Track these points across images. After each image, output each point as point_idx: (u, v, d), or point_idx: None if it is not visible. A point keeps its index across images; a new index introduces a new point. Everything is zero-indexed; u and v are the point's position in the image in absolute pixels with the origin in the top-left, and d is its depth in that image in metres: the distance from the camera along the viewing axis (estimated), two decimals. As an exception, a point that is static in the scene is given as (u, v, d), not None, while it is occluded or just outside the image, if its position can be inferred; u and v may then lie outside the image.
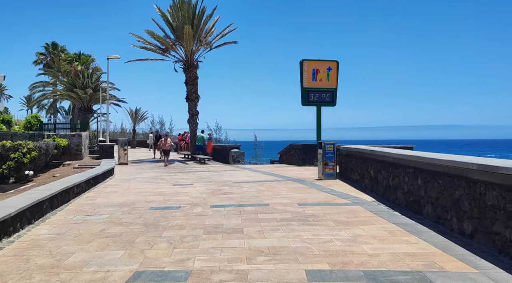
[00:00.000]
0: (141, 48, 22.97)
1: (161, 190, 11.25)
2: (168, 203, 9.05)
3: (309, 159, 19.81)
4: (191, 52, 23.62)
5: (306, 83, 18.74)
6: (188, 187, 11.76)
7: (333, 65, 19.05)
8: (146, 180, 13.72)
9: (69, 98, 34.78)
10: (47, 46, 48.87)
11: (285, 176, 14.23)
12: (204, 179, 13.83)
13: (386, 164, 8.91)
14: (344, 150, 12.98)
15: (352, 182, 11.95)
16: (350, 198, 9.31)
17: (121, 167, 19.09)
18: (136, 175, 15.51)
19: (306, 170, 16.76)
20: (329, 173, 12.98)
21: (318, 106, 19.03)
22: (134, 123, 43.06)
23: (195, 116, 24.42)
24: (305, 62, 18.75)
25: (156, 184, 12.69)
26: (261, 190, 10.82)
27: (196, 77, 24.19)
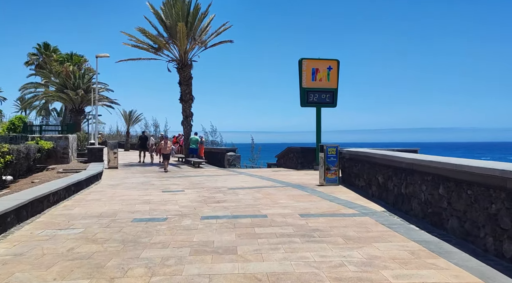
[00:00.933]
0: (133, 47, 21.99)
1: (149, 197, 10.26)
2: (154, 213, 8.07)
3: (308, 162, 18.88)
4: (185, 51, 22.66)
5: (305, 83, 17.83)
6: (179, 194, 10.78)
7: (334, 64, 18.16)
8: (134, 186, 12.73)
9: (59, 100, 33.68)
10: (39, 47, 47.75)
11: (283, 181, 13.28)
12: (196, 185, 12.86)
13: (398, 169, 7.98)
14: (347, 154, 12.05)
15: (356, 188, 11.01)
16: (357, 207, 8.37)
17: (110, 171, 18.07)
18: (125, 180, 14.51)
19: (306, 174, 15.81)
20: (331, 179, 12.04)
21: (317, 107, 18.12)
22: (128, 125, 41.98)
23: (189, 118, 23.44)
24: (304, 61, 17.85)
25: (144, 190, 11.70)
26: (258, 198, 9.86)
27: (190, 77, 23.23)
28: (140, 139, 24.97)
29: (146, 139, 24.34)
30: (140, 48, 22.31)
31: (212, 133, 35.75)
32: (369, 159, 9.98)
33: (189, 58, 23.08)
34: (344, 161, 12.32)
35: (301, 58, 17.88)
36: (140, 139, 24.91)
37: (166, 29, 22.15)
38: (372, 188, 9.70)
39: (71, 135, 19.34)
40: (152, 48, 22.67)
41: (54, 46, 47.52)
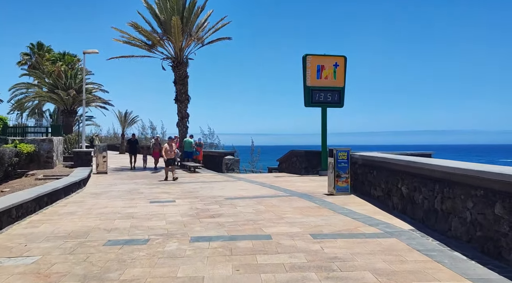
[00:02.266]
0: (124, 43, 20.62)
1: (133, 210, 8.87)
2: (134, 232, 6.69)
3: (312, 167, 17.50)
4: (180, 48, 21.30)
5: (310, 81, 16.45)
6: (168, 206, 9.39)
7: (341, 61, 16.79)
8: (120, 194, 11.33)
9: (50, 100, 32.26)
10: (32, 46, 46.39)
11: (287, 190, 11.89)
12: (190, 194, 11.47)
13: (429, 179, 6.60)
14: (360, 159, 10.67)
15: (371, 199, 9.63)
16: (379, 224, 6.98)
17: (98, 177, 16.68)
18: (111, 188, 13.11)
19: (311, 180, 14.42)
20: (342, 187, 10.65)
21: (323, 107, 16.74)
22: (123, 127, 40.49)
23: (185, 119, 22.07)
24: (308, 58, 16.48)
25: (130, 200, 10.31)
26: (260, 211, 8.47)
27: (186, 76, 21.88)
28: (128, 143, 22.41)
29: (136, 143, 22.02)
30: (133, 44, 20.96)
31: (209, 135, 34.45)
32: (388, 165, 8.60)
33: (185, 56, 21.75)
34: (356, 167, 10.94)
35: (305, 54, 16.52)
36: (129, 142, 22.28)
37: (160, 24, 20.81)
38: (392, 199, 8.32)
39: (56, 138, 17.93)
40: (146, 45, 21.31)
41: (48, 46, 46.15)
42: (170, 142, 15.64)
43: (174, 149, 15.62)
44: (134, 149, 21.45)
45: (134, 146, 21.65)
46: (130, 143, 22.08)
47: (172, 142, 15.83)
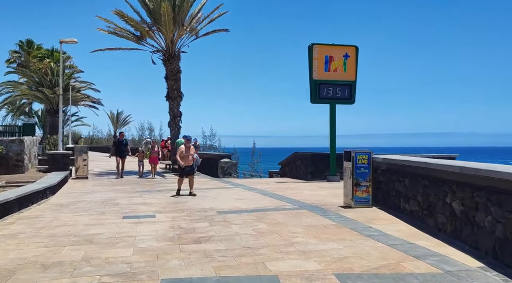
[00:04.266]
0: (110, 34, 18.60)
1: (98, 229, 6.85)
2: (82, 270, 4.68)
3: (319, 171, 15.51)
4: (172, 40, 19.31)
5: (317, 74, 14.47)
6: (144, 223, 7.37)
7: (352, 51, 14.81)
8: (90, 206, 9.31)
9: (35, 99, 30.23)
10: (21, 43, 44.45)
11: (293, 200, 9.89)
12: (175, 205, 9.45)
13: (501, 194, 4.61)
14: (384, 163, 8.68)
15: (401, 214, 7.63)
16: (428, 255, 4.99)
17: (75, 183, 14.66)
18: (84, 197, 11.08)
19: (320, 188, 12.41)
20: (362, 198, 8.64)
21: (331, 104, 14.74)
22: (115, 128, 38.60)
23: (177, 118, 20.06)
24: (315, 47, 14.49)
25: (99, 215, 8.28)
26: (261, 232, 6.47)
27: (179, 71, 19.88)
28: (115, 144, 17.36)
29: (124, 144, 17.08)
30: (119, 35, 18.94)
31: (210, 137, 32.72)
32: (428, 172, 6.60)
33: (177, 48, 19.74)
34: (378, 173, 8.94)
35: (311, 44, 14.52)
36: (115, 144, 17.35)
37: (149, 13, 18.82)
38: (436, 218, 6.31)
39: (29, 138, 15.90)
40: (134, 36, 19.30)
41: (39, 44, 44.10)
42: (187, 143, 11.03)
43: (193, 153, 11.15)
44: (122, 151, 16.86)
45: (122, 147, 16.99)
46: (116, 144, 17.25)
47: (189, 143, 11.10)
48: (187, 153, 10.92)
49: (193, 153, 11.21)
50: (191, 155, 11.04)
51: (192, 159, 11.05)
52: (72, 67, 33.88)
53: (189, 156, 10.93)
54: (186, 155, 10.90)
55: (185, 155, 10.89)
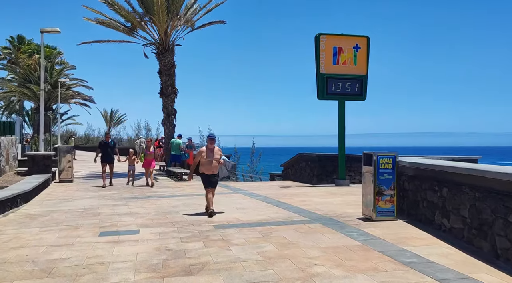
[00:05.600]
0: (98, 24, 17.16)
1: (62, 253, 5.48)
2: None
3: (327, 174, 14.19)
4: (166, 32, 17.92)
5: (325, 67, 13.12)
6: (124, 243, 6.00)
7: (362, 42, 13.47)
8: (64, 219, 7.93)
9: (21, 96, 28.78)
10: (12, 39, 42.86)
11: (302, 209, 8.54)
12: (165, 216, 8.08)
13: None
14: (411, 168, 7.35)
15: (437, 230, 6.29)
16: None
17: (58, 187, 13.26)
18: (63, 204, 9.70)
19: (330, 194, 11.07)
20: (386, 209, 7.30)
21: (340, 100, 13.41)
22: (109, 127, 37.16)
23: (171, 116, 18.68)
24: (322, 38, 13.16)
25: (71, 230, 6.91)
26: (269, 257, 5.12)
27: (173, 65, 18.49)
28: (100, 147, 13.89)
29: (111, 146, 13.91)
30: (108, 25, 17.50)
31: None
32: (479, 181, 5.25)
33: (171, 41, 18.34)
34: (404, 180, 7.61)
35: (318, 34, 13.19)
36: (101, 146, 13.85)
37: (141, 2, 17.39)
38: (494, 241, 4.96)
39: (6, 138, 14.45)
40: (124, 27, 17.89)
41: (29, 39, 42.58)
42: (210, 145, 8.23)
43: (219, 156, 8.22)
44: (107, 155, 13.69)
45: (109, 150, 13.76)
46: (102, 146, 13.83)
47: (213, 143, 8.28)
48: (210, 156, 8.02)
49: (219, 156, 8.16)
50: (216, 159, 8.08)
51: (217, 164, 8.12)
52: (63, 63, 32.44)
53: (212, 161, 8.02)
54: (209, 159, 7.99)
55: (208, 160, 7.99)
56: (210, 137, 8.38)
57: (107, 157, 13.84)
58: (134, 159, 14.08)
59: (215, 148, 8.22)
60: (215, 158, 8.09)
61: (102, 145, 13.96)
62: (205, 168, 8.07)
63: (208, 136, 8.47)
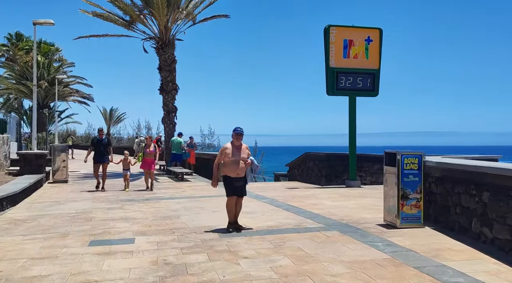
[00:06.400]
0: (95, 17, 16.40)
1: (43, 268, 4.72)
2: None
3: (335, 175, 13.42)
4: (166, 26, 17.16)
5: (335, 61, 12.34)
6: (116, 255, 5.22)
7: (375, 34, 12.69)
8: (52, 224, 7.15)
9: (18, 94, 28.02)
10: (10, 37, 42.16)
11: (315, 214, 7.76)
12: (164, 222, 7.30)
13: None
14: (438, 169, 6.57)
15: (475, 240, 5.51)
16: None
17: (51, 188, 12.50)
18: (53, 208, 8.92)
19: (342, 196, 10.29)
20: (411, 215, 6.51)
21: (351, 96, 12.63)
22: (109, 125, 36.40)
23: (172, 113, 17.93)
24: (332, 30, 12.38)
25: (58, 238, 6.13)
26: (285, 275, 4.35)
27: (174, 61, 17.74)
28: (93, 145, 12.40)
29: (105, 144, 12.21)
30: (106, 19, 16.74)
31: (209, 136, 30.78)
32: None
33: (172, 35, 17.58)
34: (431, 182, 6.83)
35: (328, 25, 12.40)
36: (93, 143, 12.36)
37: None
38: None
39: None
40: (123, 21, 17.13)
41: (27, 37, 41.87)
42: (237, 141, 6.53)
43: (246, 156, 6.55)
44: (101, 155, 12.05)
45: (102, 149, 12.09)
46: (95, 144, 12.23)
47: (239, 139, 6.55)
48: (237, 155, 6.38)
49: (247, 156, 6.54)
50: (244, 159, 6.43)
51: (244, 165, 6.43)
52: (61, 60, 31.67)
53: (239, 161, 6.38)
54: (235, 159, 6.37)
55: (233, 160, 6.36)
56: (237, 132, 6.51)
57: (100, 157, 12.09)
58: (129, 162, 12.31)
59: (242, 145, 6.52)
60: (243, 158, 6.42)
61: (95, 142, 12.28)
62: (229, 170, 6.38)
63: (234, 130, 6.57)
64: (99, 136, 12.43)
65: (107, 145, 12.28)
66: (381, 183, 13.66)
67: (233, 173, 6.37)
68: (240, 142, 6.51)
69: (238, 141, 6.49)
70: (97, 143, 12.22)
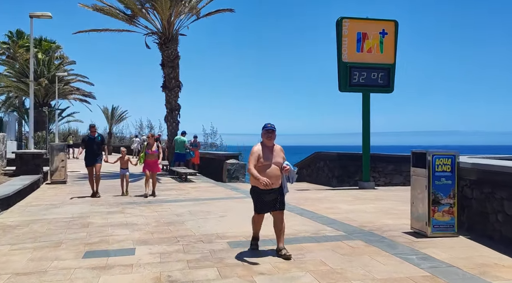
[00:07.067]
0: (95, 11, 15.77)
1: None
2: None
3: (348, 176, 12.76)
4: (169, 20, 16.51)
5: (348, 55, 11.68)
6: (113, 271, 4.57)
7: (390, 27, 12.01)
8: (45, 231, 6.52)
9: (17, 92, 27.49)
10: (11, 34, 41.61)
11: (332, 220, 7.09)
12: (168, 229, 6.64)
13: None
14: (473, 171, 5.89)
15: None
16: None
17: (48, 190, 11.89)
18: (47, 212, 8.29)
19: (357, 199, 9.62)
20: (443, 223, 5.84)
21: (365, 92, 11.96)
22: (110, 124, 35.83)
23: (175, 111, 17.29)
24: (345, 22, 11.71)
25: (50, 248, 5.49)
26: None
27: (177, 57, 17.09)
28: (84, 143, 10.50)
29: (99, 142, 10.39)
30: (106, 13, 16.10)
31: (212, 135, 30.15)
32: None
33: (175, 30, 16.94)
34: (464, 186, 6.14)
35: (340, 17, 11.73)
36: (84, 143, 10.47)
37: (142, -13, 15.98)
38: None
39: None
40: (124, 15, 16.49)
41: (29, 34, 41.36)
42: (268, 140, 5.02)
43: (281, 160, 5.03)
44: (93, 155, 10.26)
45: (95, 148, 10.27)
46: (87, 142, 10.36)
47: (271, 139, 5.03)
48: (269, 159, 4.93)
49: (282, 160, 5.04)
50: (278, 164, 4.96)
51: (279, 172, 4.98)
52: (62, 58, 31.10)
53: (272, 166, 4.92)
54: (267, 164, 4.91)
55: (265, 166, 4.89)
56: (267, 128, 4.98)
57: (92, 158, 10.22)
58: (127, 160, 10.64)
59: (275, 147, 5.05)
60: (277, 162, 4.95)
61: (86, 141, 10.36)
62: (257, 177, 4.81)
63: (263, 127, 5.03)
64: (91, 134, 10.55)
65: (101, 144, 10.42)
66: (396, 184, 13.09)
67: (271, 183, 4.81)
68: (272, 141, 5.03)
69: (270, 141, 5.01)
70: (89, 141, 10.29)
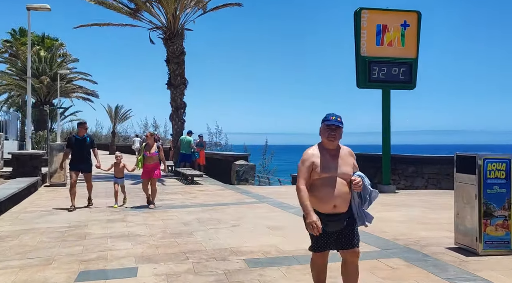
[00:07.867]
0: (97, 4, 15.00)
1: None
2: None
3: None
4: (174, 14, 15.74)
5: (367, 49, 10.87)
6: (110, 299, 3.79)
7: (412, 18, 11.19)
8: (36, 244, 5.75)
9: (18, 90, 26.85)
10: (13, 32, 41.08)
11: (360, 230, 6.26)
12: (176, 242, 5.85)
13: None
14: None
15: None
16: None
17: (45, 193, 11.15)
18: (41, 220, 7.53)
19: (381, 204, 8.75)
20: (497, 238, 5.02)
21: (385, 89, 11.14)
22: (114, 123, 35.13)
23: (180, 109, 16.53)
24: (364, 13, 10.89)
25: (37, 269, 4.72)
26: None
27: (182, 53, 16.32)
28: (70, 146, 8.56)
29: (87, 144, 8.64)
30: (109, 6, 15.35)
31: (216, 134, 29.52)
32: None
33: (181, 25, 16.16)
34: (517, 193, 5.29)
35: (359, 8, 10.92)
36: (71, 145, 8.54)
37: (146, -21, 15.22)
38: None
39: (-15, 134, 12.44)
40: (128, 8, 15.73)
41: (32, 32, 40.77)
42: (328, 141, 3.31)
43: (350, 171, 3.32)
44: (81, 159, 8.56)
45: (84, 151, 8.59)
46: (74, 145, 8.53)
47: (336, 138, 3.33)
48: (331, 170, 3.27)
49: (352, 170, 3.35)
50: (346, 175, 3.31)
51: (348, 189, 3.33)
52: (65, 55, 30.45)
53: (337, 180, 3.25)
54: (328, 177, 3.26)
55: (326, 180, 3.26)
56: (329, 123, 3.33)
57: (80, 162, 8.53)
58: (123, 167, 8.92)
59: (341, 150, 3.40)
60: (343, 173, 3.31)
61: (73, 142, 8.51)
62: (319, 199, 3.29)
63: (323, 120, 3.39)
64: (78, 134, 8.69)
65: (90, 146, 8.68)
66: (417, 187, 12.24)
67: (325, 204, 3.28)
68: (336, 143, 3.36)
69: (334, 142, 3.34)
70: (77, 143, 8.49)
